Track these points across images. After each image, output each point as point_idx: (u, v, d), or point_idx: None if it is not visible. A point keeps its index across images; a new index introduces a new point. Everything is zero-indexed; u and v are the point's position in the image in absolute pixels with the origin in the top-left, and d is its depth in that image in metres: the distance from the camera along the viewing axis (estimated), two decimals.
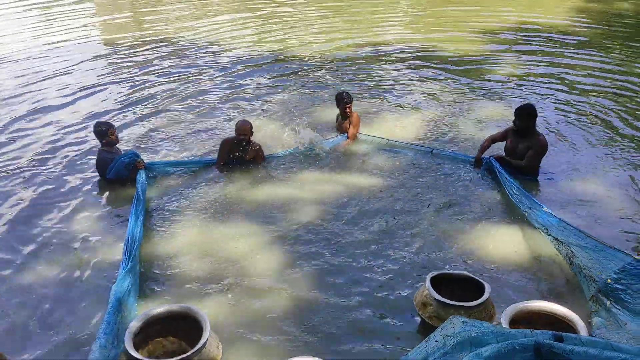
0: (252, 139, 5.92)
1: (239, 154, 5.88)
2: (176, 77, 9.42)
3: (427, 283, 3.56)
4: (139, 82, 9.18)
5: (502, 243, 4.65)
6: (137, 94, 8.60)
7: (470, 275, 3.76)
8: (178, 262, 4.50)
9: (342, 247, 4.62)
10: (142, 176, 5.53)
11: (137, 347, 3.18)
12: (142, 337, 3.36)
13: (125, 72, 9.77)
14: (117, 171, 5.65)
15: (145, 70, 9.83)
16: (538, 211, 4.66)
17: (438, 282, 3.65)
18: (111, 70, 9.96)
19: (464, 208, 5.18)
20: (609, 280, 3.56)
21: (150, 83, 9.14)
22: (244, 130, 5.74)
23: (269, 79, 9.19)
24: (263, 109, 7.79)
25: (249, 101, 8.13)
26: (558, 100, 7.74)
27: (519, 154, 5.54)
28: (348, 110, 6.49)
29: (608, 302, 3.46)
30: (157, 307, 3.46)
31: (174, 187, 5.72)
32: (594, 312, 3.58)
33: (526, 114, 5.41)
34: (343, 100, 6.49)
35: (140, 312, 3.75)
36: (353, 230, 4.85)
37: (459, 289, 3.73)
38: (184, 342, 3.48)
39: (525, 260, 4.44)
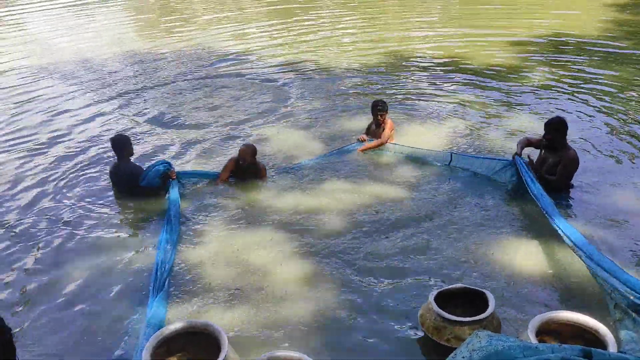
0: (257, 160, 5.99)
1: (240, 176, 6.00)
2: (200, 85, 9.61)
3: (435, 307, 3.49)
4: (163, 89, 9.38)
5: (520, 254, 4.57)
6: (162, 102, 8.78)
7: (470, 287, 3.73)
8: (203, 271, 4.54)
9: (366, 259, 4.59)
10: (175, 193, 5.49)
11: None
12: (163, 352, 3.37)
13: (149, 80, 9.98)
14: (150, 180, 5.64)
15: (172, 76, 10.03)
16: (559, 219, 4.53)
17: (440, 299, 3.61)
18: (138, 78, 10.18)
19: (485, 220, 5.11)
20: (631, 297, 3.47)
21: (176, 90, 9.33)
22: (244, 155, 5.84)
23: (296, 87, 9.26)
24: (289, 118, 7.85)
25: (275, 109, 8.21)
26: (591, 112, 7.57)
27: (548, 168, 5.42)
28: (381, 118, 6.53)
29: (634, 314, 3.37)
30: (176, 323, 3.43)
31: (199, 196, 5.80)
32: (618, 320, 3.48)
33: (555, 128, 5.30)
34: (377, 108, 6.54)
35: (167, 320, 3.80)
36: (376, 242, 4.82)
37: (460, 302, 3.70)
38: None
39: (545, 270, 4.37)
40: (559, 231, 4.45)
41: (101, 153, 6.98)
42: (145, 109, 8.62)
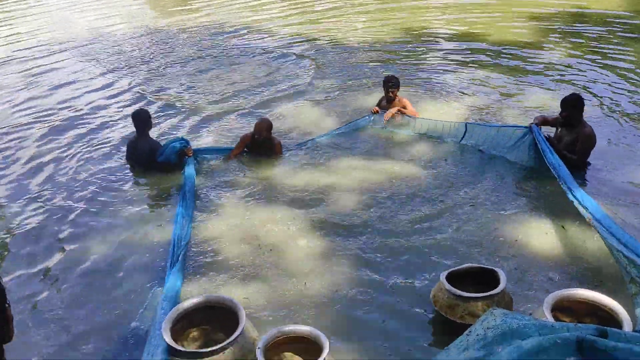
0: (272, 135, 5.99)
1: (255, 150, 6.02)
2: (216, 60, 9.59)
3: (447, 285, 3.51)
4: (179, 65, 9.37)
5: (533, 233, 4.54)
6: (178, 78, 8.79)
7: (481, 265, 3.74)
8: (219, 246, 4.59)
9: (379, 237, 4.60)
10: (190, 169, 5.56)
11: (175, 337, 3.25)
12: (182, 325, 3.44)
13: (165, 55, 9.97)
14: (168, 156, 5.69)
15: (188, 51, 10.02)
16: (577, 190, 4.49)
17: (452, 279, 3.62)
18: (154, 54, 10.18)
19: (497, 199, 5.08)
20: None
21: (193, 65, 9.32)
22: (259, 129, 5.85)
23: (312, 62, 9.19)
24: (304, 94, 7.82)
25: (290, 85, 8.18)
26: (610, 89, 7.41)
27: (564, 146, 5.35)
28: (392, 94, 6.50)
29: None
30: (194, 298, 3.49)
31: (215, 172, 5.84)
32: (634, 295, 3.47)
33: (571, 105, 5.23)
34: (388, 84, 6.52)
35: (183, 296, 3.88)
36: (389, 220, 4.82)
37: (471, 281, 3.71)
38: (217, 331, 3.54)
39: (558, 248, 4.35)
40: (575, 203, 4.41)
41: (118, 128, 7.06)
42: (162, 84, 8.64)
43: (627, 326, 3.07)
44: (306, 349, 3.26)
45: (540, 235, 4.51)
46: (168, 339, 3.14)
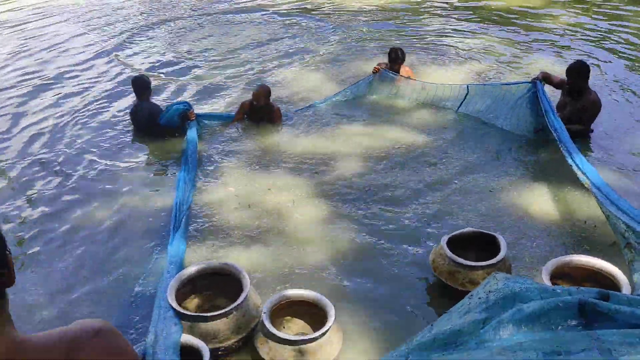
0: (271, 102, 5.92)
1: (255, 117, 5.96)
2: (214, 24, 9.46)
3: (449, 252, 3.50)
4: (175, 36, 9.21)
5: (532, 199, 4.56)
6: (175, 43, 8.65)
7: (481, 230, 3.74)
8: (221, 212, 4.59)
9: (380, 203, 4.60)
10: (192, 133, 5.53)
11: (180, 301, 3.27)
12: (186, 291, 3.47)
13: (161, 19, 9.79)
14: (169, 118, 5.68)
15: (185, 14, 9.83)
16: (577, 155, 4.45)
17: (451, 244, 3.61)
18: (149, 18, 9.99)
19: (497, 165, 5.08)
20: None
21: (190, 29, 9.16)
22: (257, 96, 5.79)
23: (312, 28, 9.05)
24: (305, 60, 7.72)
25: (290, 52, 8.07)
26: (616, 57, 7.32)
27: (568, 114, 5.30)
28: (397, 67, 6.37)
29: None
30: (198, 264, 3.48)
31: (217, 138, 5.80)
32: (630, 262, 3.49)
33: (577, 72, 5.14)
34: (390, 56, 6.37)
35: (186, 260, 3.89)
36: (390, 186, 4.82)
37: (471, 246, 3.72)
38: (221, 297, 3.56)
39: (557, 215, 4.37)
40: (575, 168, 4.39)
41: (118, 94, 6.96)
42: (158, 50, 8.51)
43: (626, 290, 3.09)
44: (309, 313, 3.30)
45: (538, 203, 4.52)
46: (173, 303, 3.16)
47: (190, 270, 3.44)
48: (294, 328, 3.37)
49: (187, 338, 3.00)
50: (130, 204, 4.80)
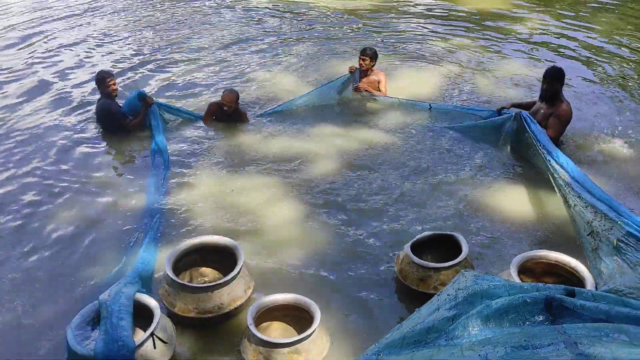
0: (238, 107, 5.88)
1: (223, 120, 5.92)
2: (185, 19, 9.41)
3: (416, 259, 3.54)
4: (148, 33, 9.10)
5: (500, 200, 4.65)
6: (148, 46, 8.53)
7: (440, 232, 3.83)
8: (194, 214, 4.52)
9: (353, 204, 4.61)
10: (161, 137, 5.45)
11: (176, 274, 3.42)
12: (182, 265, 3.63)
13: (138, 23, 9.66)
14: (130, 103, 5.70)
15: (158, 18, 9.71)
16: (557, 153, 4.51)
17: (414, 249, 3.66)
18: (126, 21, 9.84)
19: (466, 167, 5.14)
20: (616, 241, 3.52)
21: (159, 24, 9.08)
22: (229, 100, 5.74)
23: (285, 31, 9.02)
24: (276, 61, 7.69)
25: (263, 52, 8.03)
26: (579, 62, 7.48)
27: (540, 118, 5.22)
28: (362, 62, 6.32)
29: (615, 241, 3.42)
30: (192, 239, 3.68)
31: (186, 139, 5.72)
32: (594, 249, 3.56)
33: (555, 77, 5.14)
34: (361, 54, 6.35)
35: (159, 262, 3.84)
36: (363, 188, 4.83)
37: (428, 249, 3.79)
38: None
39: (526, 213, 4.49)
40: (549, 163, 4.44)
41: (86, 92, 6.81)
42: (126, 45, 8.39)
43: (590, 285, 3.18)
44: (289, 316, 3.32)
45: (507, 204, 4.59)
46: (171, 274, 3.32)
47: (184, 245, 3.61)
48: (274, 334, 3.32)
49: (141, 295, 3.16)
50: (99, 208, 4.67)
